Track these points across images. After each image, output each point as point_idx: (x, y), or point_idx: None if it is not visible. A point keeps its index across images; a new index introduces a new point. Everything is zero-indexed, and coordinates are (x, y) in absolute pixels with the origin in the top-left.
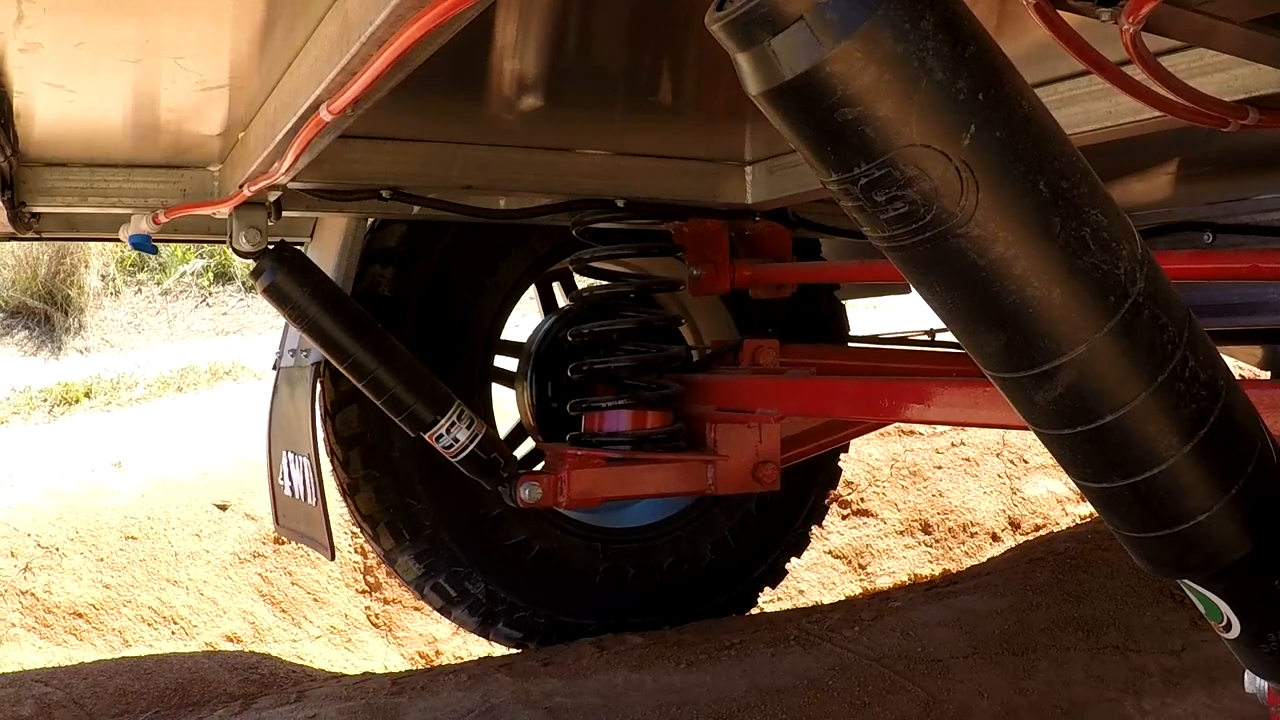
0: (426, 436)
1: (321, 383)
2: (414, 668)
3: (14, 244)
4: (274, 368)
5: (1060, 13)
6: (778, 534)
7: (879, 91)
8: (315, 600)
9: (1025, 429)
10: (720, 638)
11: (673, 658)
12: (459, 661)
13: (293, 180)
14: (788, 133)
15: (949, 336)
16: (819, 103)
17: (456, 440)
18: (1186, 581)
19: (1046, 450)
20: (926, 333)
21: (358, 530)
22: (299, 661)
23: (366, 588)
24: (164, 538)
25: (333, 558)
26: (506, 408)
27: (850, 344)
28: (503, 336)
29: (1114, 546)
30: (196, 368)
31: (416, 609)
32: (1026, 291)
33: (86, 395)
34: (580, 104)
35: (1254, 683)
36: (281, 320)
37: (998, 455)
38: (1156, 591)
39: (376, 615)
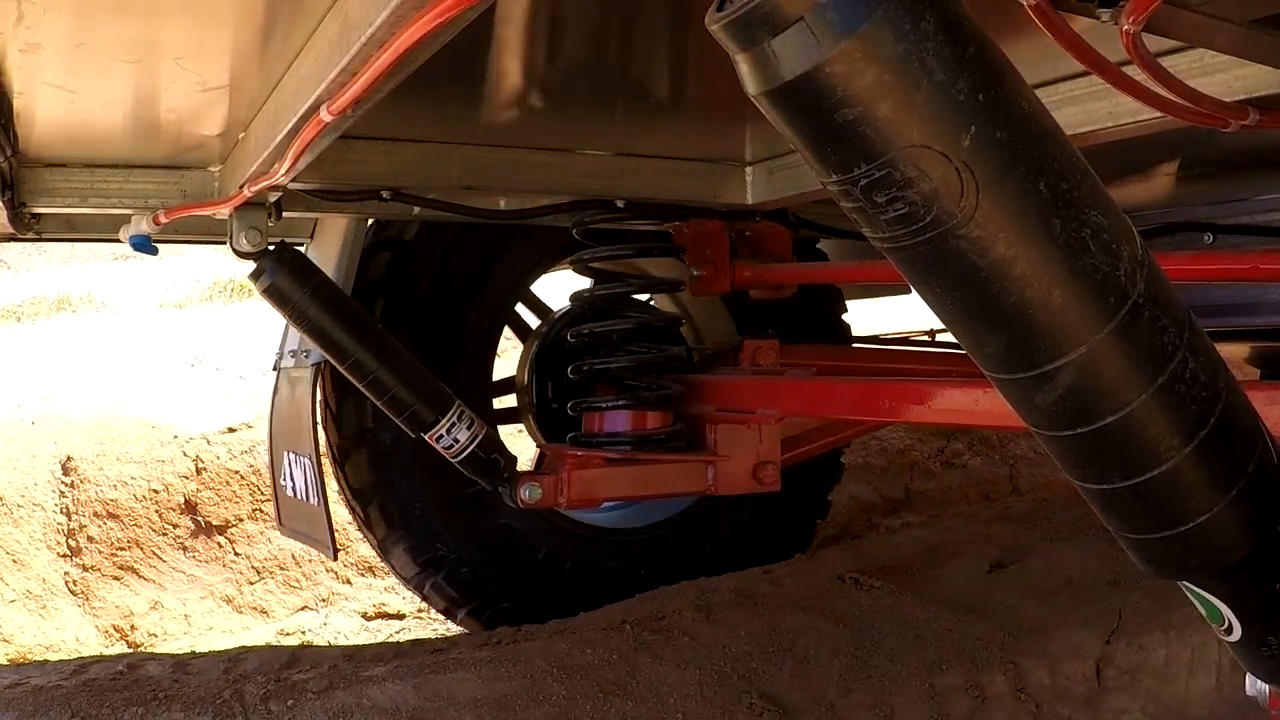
0: (427, 437)
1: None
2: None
3: None
4: (274, 368)
5: (1060, 13)
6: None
7: (879, 92)
8: (14, 561)
9: (1025, 430)
10: (172, 680)
11: (72, 708)
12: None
13: (293, 181)
14: (788, 133)
15: (949, 337)
16: (819, 103)
17: (457, 440)
18: (1187, 584)
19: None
20: (926, 333)
21: (67, 485)
22: None
23: (68, 551)
24: None
25: (335, 557)
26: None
27: (851, 345)
28: None
29: (765, 602)
30: (45, 298)
31: (115, 579)
32: (1026, 293)
33: None
34: (580, 104)
35: (1255, 685)
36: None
37: None
38: (737, 695)
39: (75, 582)
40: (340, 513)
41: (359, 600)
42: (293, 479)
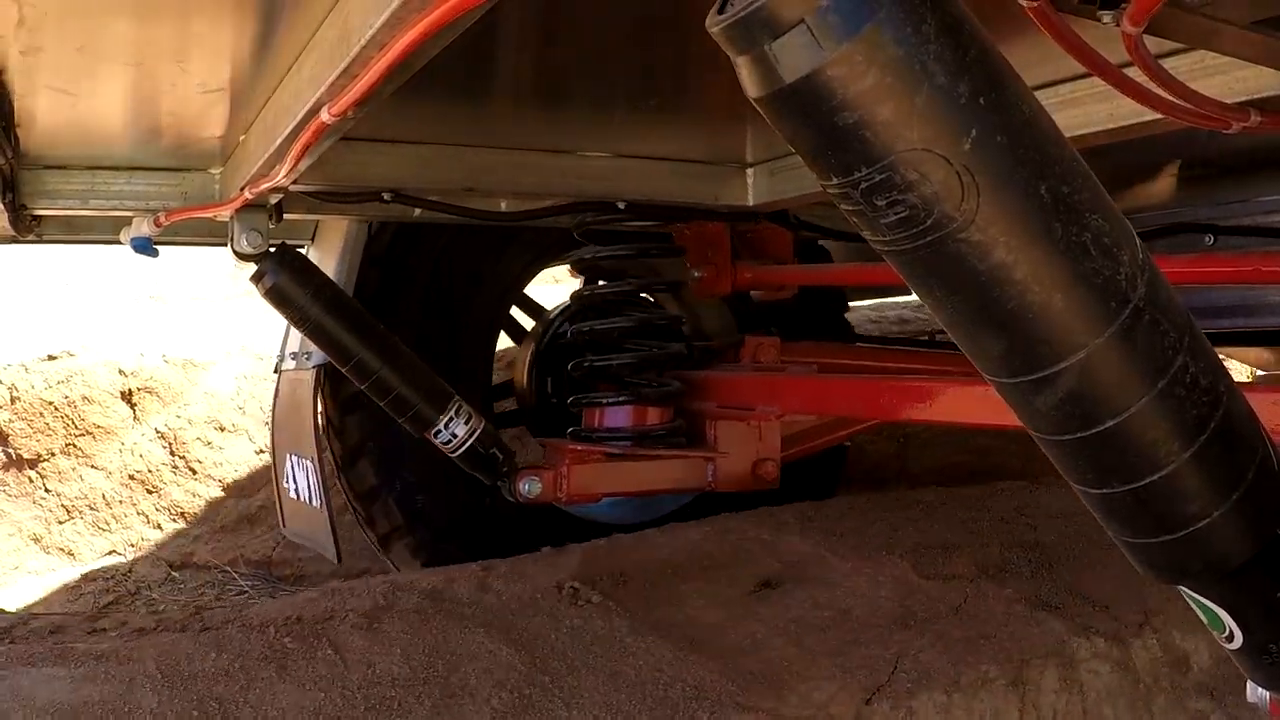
0: (427, 434)
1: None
2: None
3: None
4: (276, 371)
5: (1061, 15)
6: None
7: (880, 95)
8: None
9: (1024, 431)
10: None
11: None
12: None
13: (294, 183)
14: (788, 137)
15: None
16: (819, 106)
17: (455, 435)
18: (1187, 590)
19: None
20: (927, 333)
21: None
22: None
23: None
24: None
25: (339, 561)
26: None
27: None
28: None
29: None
30: None
31: None
32: (1027, 296)
33: None
34: (581, 106)
35: (1255, 692)
36: None
37: None
38: None
39: None
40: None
41: (169, 547)
42: (295, 481)
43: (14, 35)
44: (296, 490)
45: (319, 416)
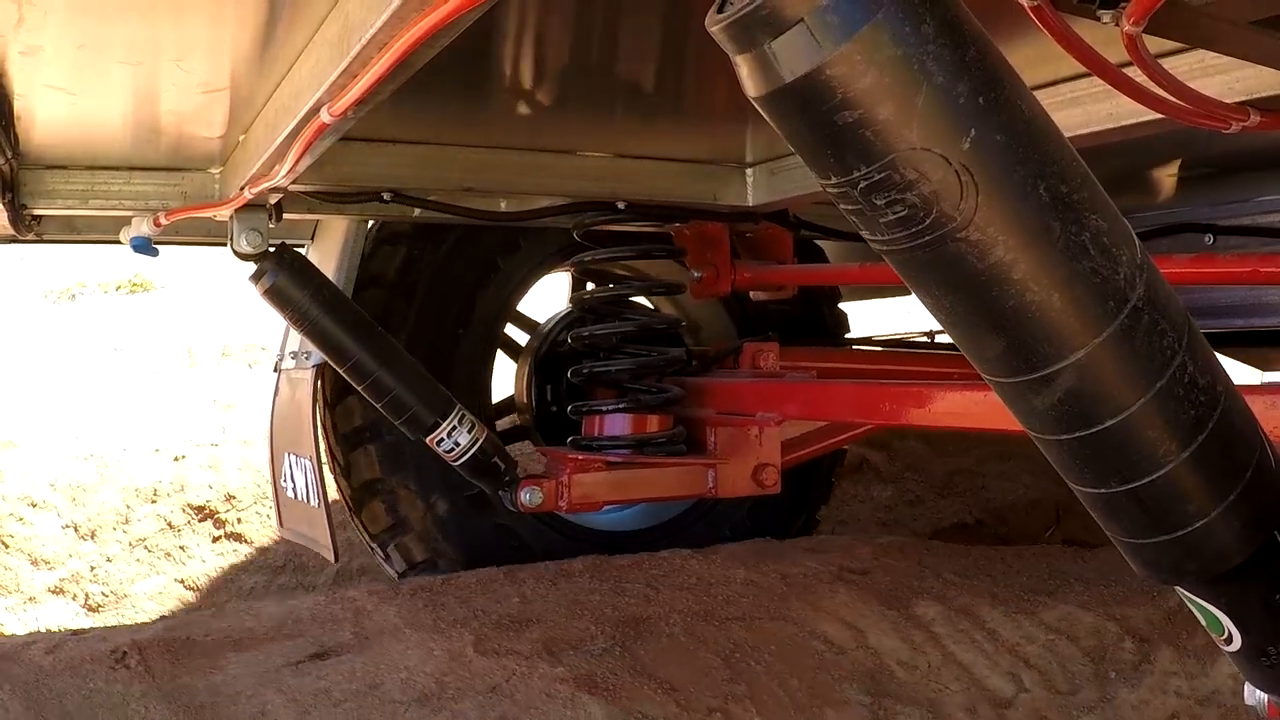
0: (427, 440)
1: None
2: None
3: None
4: (275, 370)
5: (1060, 15)
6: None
7: (879, 95)
8: None
9: (1024, 433)
10: None
11: None
12: None
13: (294, 183)
14: (787, 136)
15: (948, 338)
16: (818, 106)
17: (457, 444)
18: (1185, 592)
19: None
20: (925, 334)
21: None
22: None
23: None
24: None
25: (336, 560)
26: None
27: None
28: None
29: None
30: None
31: None
32: (1025, 296)
33: None
34: (581, 106)
35: (1254, 695)
36: None
37: None
38: None
39: None
40: None
41: None
42: (293, 480)
43: (14, 35)
44: (294, 489)
45: (318, 416)
